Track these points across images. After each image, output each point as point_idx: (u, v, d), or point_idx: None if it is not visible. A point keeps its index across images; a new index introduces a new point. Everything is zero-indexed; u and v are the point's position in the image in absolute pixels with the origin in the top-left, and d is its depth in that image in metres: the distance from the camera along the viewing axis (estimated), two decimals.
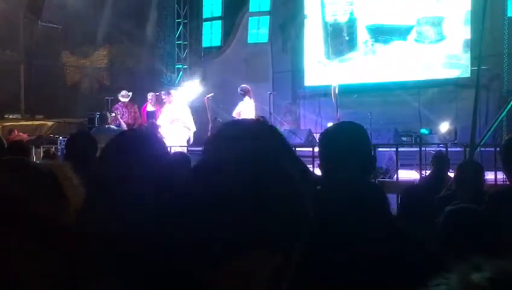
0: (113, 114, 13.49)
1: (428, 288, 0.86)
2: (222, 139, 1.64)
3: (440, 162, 7.11)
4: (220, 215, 0.97)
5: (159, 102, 15.09)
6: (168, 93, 13.17)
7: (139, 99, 15.07)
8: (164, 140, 2.17)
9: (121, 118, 13.83)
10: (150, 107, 14.57)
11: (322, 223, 1.15)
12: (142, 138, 1.87)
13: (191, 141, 12.43)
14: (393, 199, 5.55)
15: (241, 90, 12.72)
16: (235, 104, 12.68)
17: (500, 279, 0.83)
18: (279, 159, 1.08)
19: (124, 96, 14.06)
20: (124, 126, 12.91)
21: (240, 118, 12.49)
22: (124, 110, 13.96)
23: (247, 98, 12.69)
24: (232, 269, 0.97)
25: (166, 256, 1.00)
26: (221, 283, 0.97)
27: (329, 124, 13.05)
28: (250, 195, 0.99)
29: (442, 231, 2.71)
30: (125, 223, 1.54)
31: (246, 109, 12.48)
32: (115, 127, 12.41)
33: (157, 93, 15.19)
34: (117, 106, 14.11)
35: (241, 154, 1.10)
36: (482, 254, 0.89)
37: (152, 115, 14.58)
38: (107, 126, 11.93)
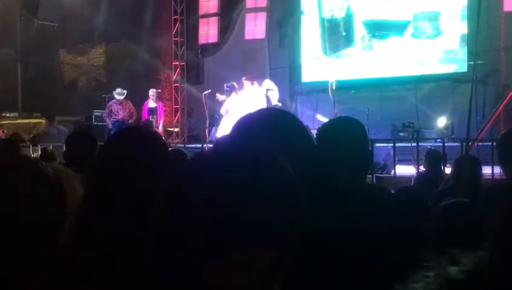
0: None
1: (407, 285, 0.87)
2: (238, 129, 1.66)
3: (433, 159, 7.19)
4: (217, 210, 0.98)
5: (160, 98, 15.14)
6: (249, 80, 12.77)
7: (136, 96, 15.07)
8: (161, 136, 2.17)
9: (116, 115, 13.87)
10: (151, 104, 14.61)
11: (317, 221, 1.16)
12: (140, 135, 1.87)
13: None
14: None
15: (227, 86, 12.78)
16: None
17: (476, 271, 0.84)
18: (276, 152, 1.09)
19: (119, 93, 14.11)
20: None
21: (228, 114, 12.53)
22: (118, 107, 13.99)
23: (233, 94, 12.73)
24: (232, 265, 0.98)
25: (165, 254, 1.01)
26: (220, 280, 0.98)
27: (319, 116, 12.94)
28: (247, 188, 0.99)
29: (437, 225, 2.72)
30: (123, 222, 1.54)
31: (233, 106, 12.52)
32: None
33: (159, 90, 15.26)
34: (111, 103, 14.15)
35: (236, 149, 1.11)
36: (477, 249, 0.90)
37: (153, 111, 14.62)
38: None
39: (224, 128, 12.20)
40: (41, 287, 1.37)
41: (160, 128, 14.69)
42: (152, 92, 14.74)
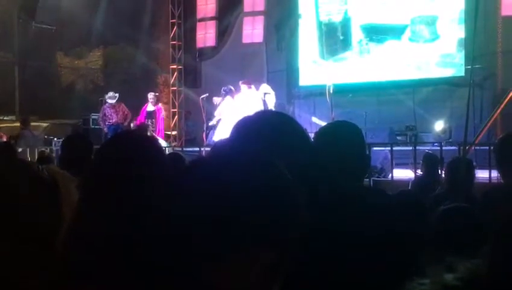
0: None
1: None
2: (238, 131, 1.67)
3: (430, 163, 7.21)
4: (216, 213, 0.98)
5: (158, 102, 15.17)
6: (247, 84, 12.70)
7: (134, 100, 15.08)
8: (157, 140, 2.17)
9: (110, 119, 13.89)
10: (150, 107, 14.61)
11: (315, 223, 1.16)
12: (136, 139, 1.87)
13: None
14: None
15: (223, 90, 12.81)
16: None
17: (472, 279, 0.84)
18: (272, 157, 1.09)
19: (111, 97, 14.12)
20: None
21: (224, 118, 12.56)
22: (111, 110, 13.99)
23: (228, 97, 12.74)
24: (231, 266, 0.98)
25: (164, 256, 1.01)
26: (220, 282, 0.98)
27: (314, 119, 12.94)
28: (245, 191, 1.00)
29: (436, 229, 2.72)
30: (121, 224, 1.54)
31: (228, 109, 12.55)
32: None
33: (157, 93, 15.29)
34: (104, 107, 14.15)
35: (234, 153, 1.11)
36: (476, 253, 0.90)
37: (152, 115, 14.63)
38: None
39: (221, 132, 12.21)
40: (41, 287, 1.37)
41: (161, 131, 14.78)
42: (151, 95, 14.78)
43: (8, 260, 1.33)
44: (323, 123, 12.61)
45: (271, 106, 12.83)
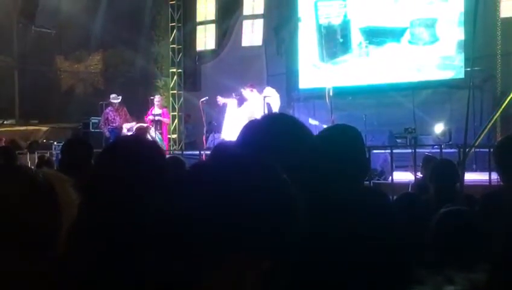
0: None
1: None
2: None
3: (430, 165, 7.21)
4: (216, 219, 0.98)
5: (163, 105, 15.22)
6: (250, 87, 12.73)
7: (134, 103, 15.08)
8: (157, 143, 2.17)
9: (113, 122, 13.89)
10: (157, 110, 14.59)
11: (315, 226, 1.16)
12: (137, 143, 1.87)
13: None
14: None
15: (234, 95, 12.84)
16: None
17: None
18: (273, 162, 1.09)
19: (114, 98, 14.11)
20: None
21: (228, 120, 12.62)
22: (115, 114, 13.99)
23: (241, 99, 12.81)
24: (231, 271, 0.98)
25: (165, 261, 1.01)
26: (219, 286, 0.98)
27: (311, 120, 12.89)
28: (244, 198, 1.00)
29: (435, 232, 2.72)
30: (122, 225, 1.55)
31: (233, 112, 12.62)
32: None
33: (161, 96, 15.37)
34: (107, 111, 14.14)
35: (234, 156, 1.12)
36: (474, 257, 0.90)
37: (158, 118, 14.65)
38: None
39: (226, 133, 12.34)
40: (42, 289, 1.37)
41: (166, 134, 14.81)
42: (158, 98, 14.79)
43: (8, 263, 1.33)
44: (316, 122, 12.65)
45: (275, 108, 12.81)
